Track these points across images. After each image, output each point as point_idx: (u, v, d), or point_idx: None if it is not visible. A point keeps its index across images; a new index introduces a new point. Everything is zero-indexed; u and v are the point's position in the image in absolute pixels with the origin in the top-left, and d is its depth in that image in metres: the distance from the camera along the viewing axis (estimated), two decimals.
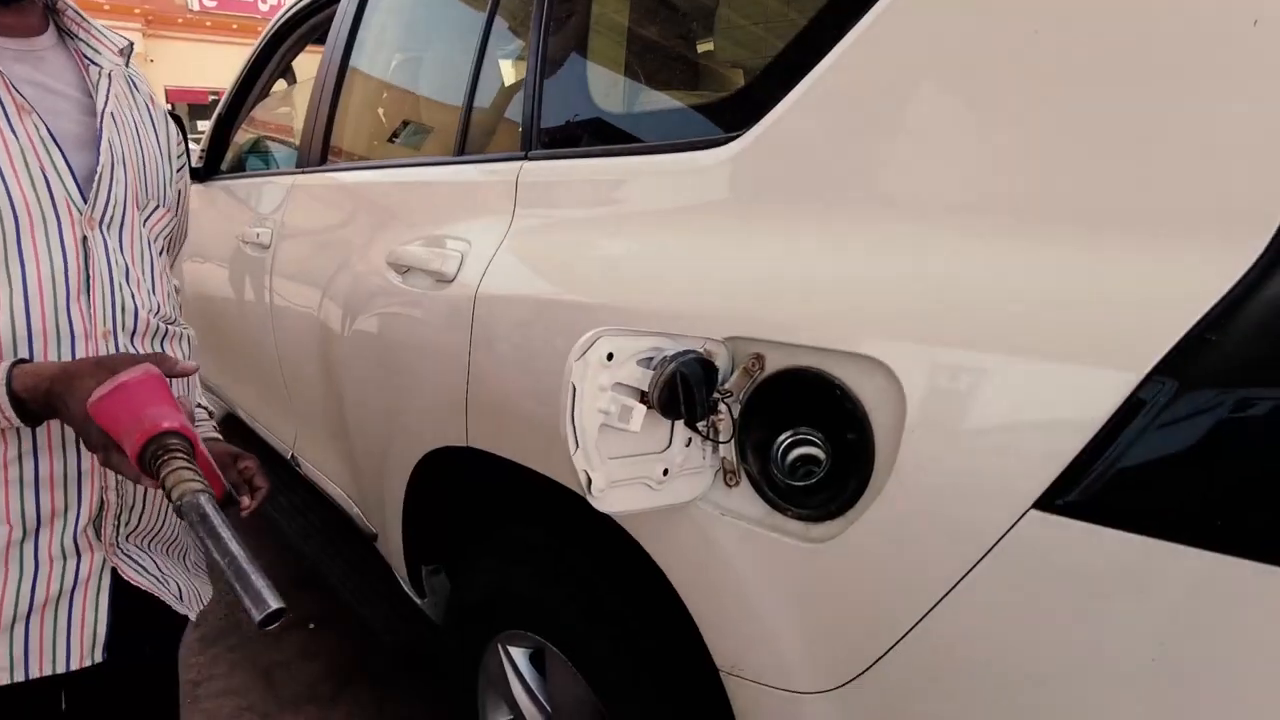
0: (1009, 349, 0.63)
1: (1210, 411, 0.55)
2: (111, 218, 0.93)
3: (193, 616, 1.07)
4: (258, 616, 0.66)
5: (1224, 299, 0.55)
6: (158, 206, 1.03)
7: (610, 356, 0.72)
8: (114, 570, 0.96)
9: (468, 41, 1.45)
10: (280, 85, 2.78)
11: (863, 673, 0.73)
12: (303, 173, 1.97)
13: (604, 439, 0.74)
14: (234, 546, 0.69)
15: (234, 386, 2.49)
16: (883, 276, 0.72)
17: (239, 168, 2.68)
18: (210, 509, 0.71)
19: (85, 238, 0.90)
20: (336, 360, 1.62)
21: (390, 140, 1.89)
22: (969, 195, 0.68)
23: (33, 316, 0.86)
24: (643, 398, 0.75)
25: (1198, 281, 0.56)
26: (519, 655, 1.32)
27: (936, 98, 0.71)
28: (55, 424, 0.88)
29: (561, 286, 1.05)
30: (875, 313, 0.71)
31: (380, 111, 1.96)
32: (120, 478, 0.94)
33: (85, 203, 0.90)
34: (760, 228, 0.83)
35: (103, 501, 0.93)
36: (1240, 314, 0.54)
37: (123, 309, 0.93)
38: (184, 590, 1.06)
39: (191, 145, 2.73)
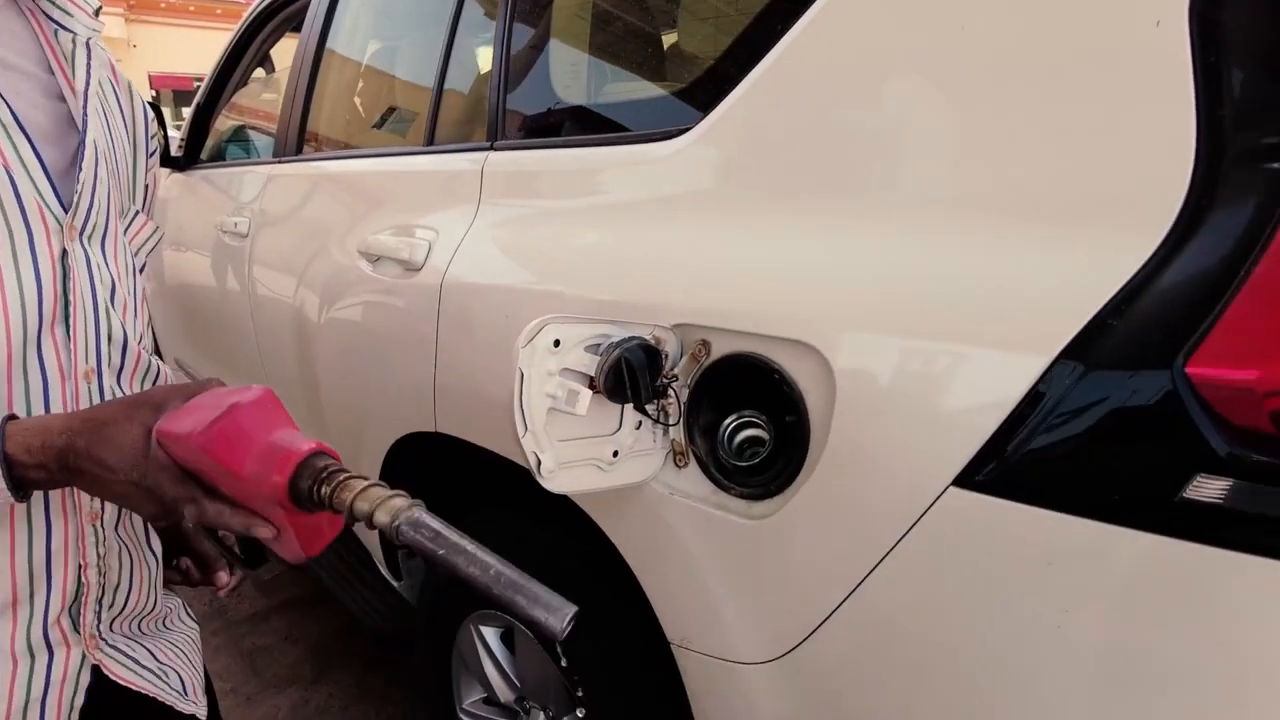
0: (930, 334, 0.66)
1: (1110, 392, 0.58)
2: (94, 227, 0.75)
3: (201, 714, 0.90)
4: (561, 626, 0.54)
5: (1125, 287, 0.58)
6: (139, 213, 0.88)
7: (557, 343, 0.75)
8: (96, 668, 0.78)
9: (437, 32, 1.47)
10: (259, 73, 2.78)
11: (800, 643, 0.77)
12: (279, 162, 1.99)
13: (552, 422, 0.77)
14: (490, 557, 0.55)
15: (214, 374, 2.51)
16: (817, 266, 0.75)
17: (219, 157, 2.69)
18: (438, 521, 0.56)
19: (65, 252, 0.72)
20: (313, 348, 1.64)
21: (364, 130, 1.91)
22: (896, 189, 0.72)
23: None
24: (590, 383, 0.78)
25: (1103, 271, 0.59)
26: (490, 634, 1.36)
27: (866, 96, 0.74)
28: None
29: (523, 276, 1.07)
30: (810, 300, 0.74)
31: (354, 101, 1.98)
32: (103, 552, 0.77)
33: (65, 209, 0.72)
34: (707, 219, 0.86)
35: (80, 583, 0.75)
36: (1139, 301, 0.58)
37: (109, 340, 0.76)
38: (189, 679, 0.90)
39: (173, 133, 2.75)
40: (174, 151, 2.66)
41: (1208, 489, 0.54)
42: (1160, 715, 0.58)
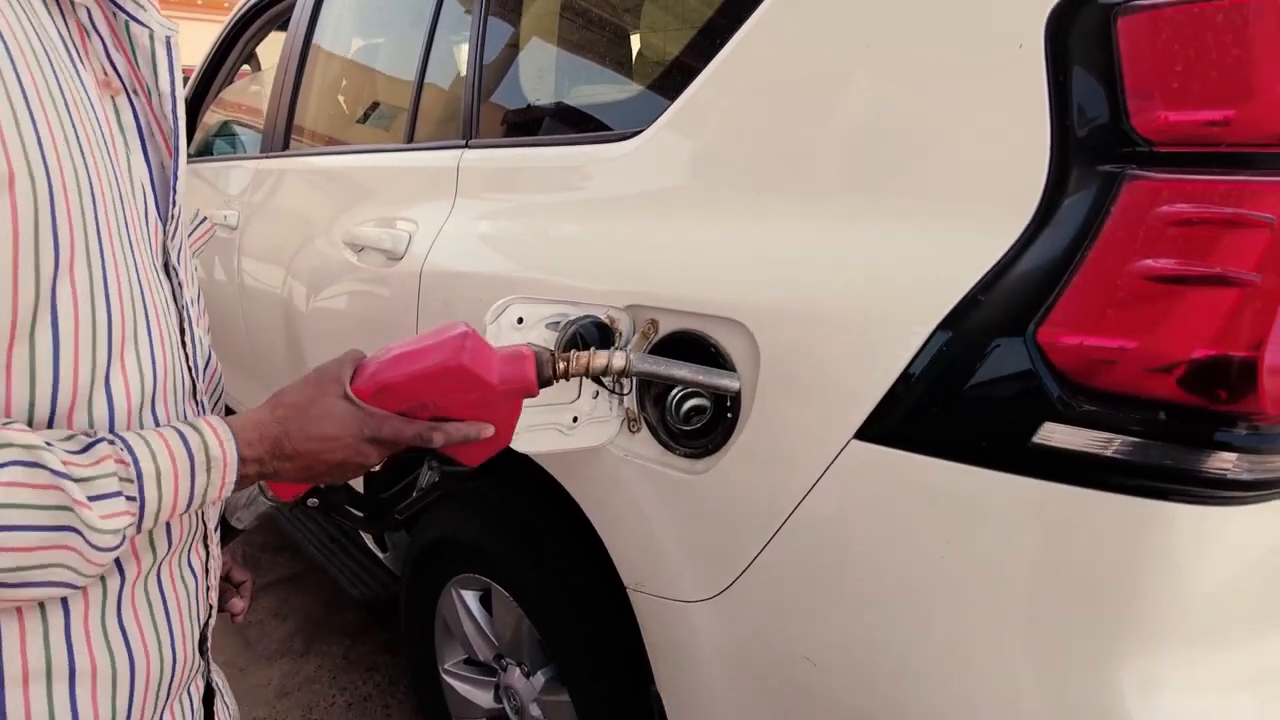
0: (836, 311, 0.77)
1: (977, 356, 0.70)
2: (177, 236, 0.68)
3: None
4: (738, 384, 0.81)
5: (992, 269, 0.69)
6: (204, 219, 0.83)
7: (520, 320, 0.86)
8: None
9: (417, 33, 1.56)
10: (244, 69, 2.85)
11: (734, 581, 0.88)
12: (267, 157, 2.08)
13: None
14: (686, 365, 0.82)
15: None
16: (746, 254, 0.86)
17: (206, 151, 2.77)
18: (648, 355, 0.84)
19: (169, 265, 0.66)
20: (300, 334, 1.74)
21: (348, 126, 2.00)
22: (812, 187, 0.83)
23: (159, 370, 0.62)
24: None
25: (975, 256, 0.71)
26: (470, 598, 1.47)
27: (782, 111, 0.85)
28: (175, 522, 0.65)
29: (495, 263, 1.18)
30: (739, 284, 0.85)
31: (339, 99, 2.07)
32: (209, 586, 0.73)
33: (164, 217, 0.66)
34: (655, 213, 0.97)
35: (208, 614, 0.72)
36: (1003, 280, 0.69)
37: (198, 351, 0.71)
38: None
39: None
40: None
41: (1053, 434, 0.66)
42: (1021, 620, 0.70)
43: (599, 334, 0.89)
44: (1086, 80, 0.67)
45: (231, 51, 2.62)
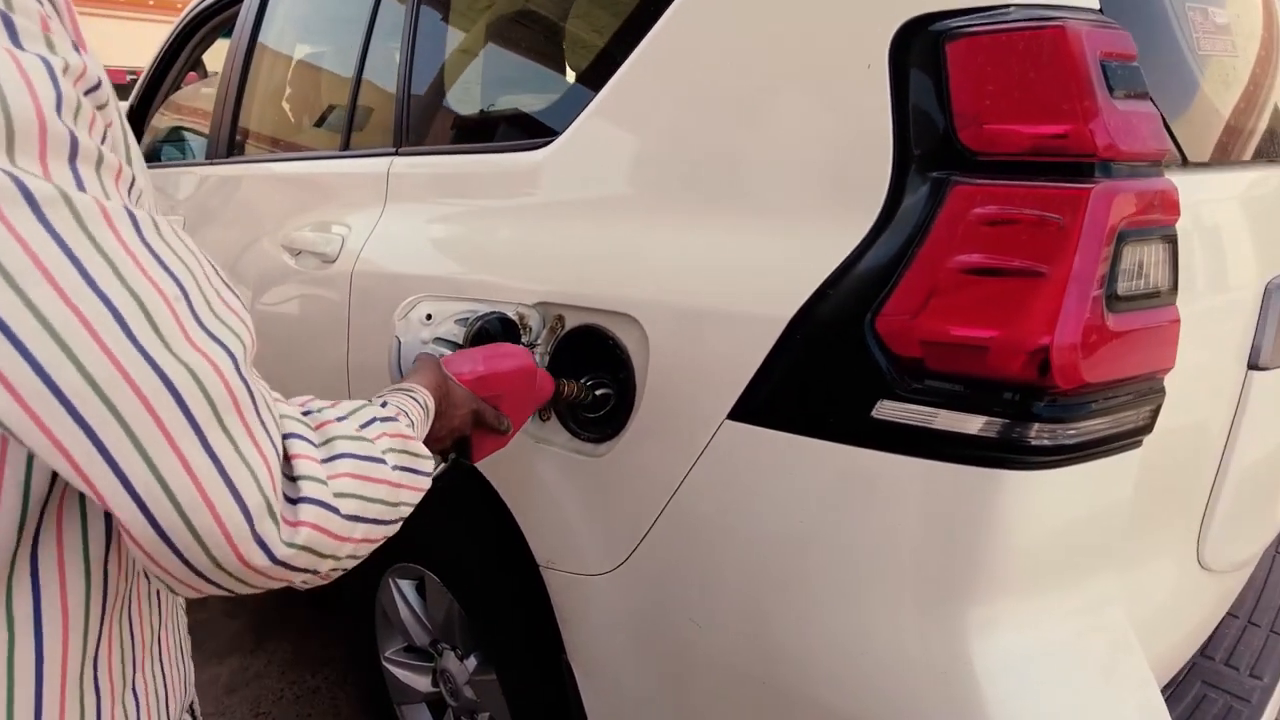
0: (711, 307, 0.86)
1: (826, 343, 0.78)
2: None
3: None
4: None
5: (839, 267, 0.78)
6: None
7: (429, 316, 0.93)
8: None
9: (352, 44, 1.62)
10: (191, 74, 2.87)
11: (631, 553, 0.96)
12: (211, 164, 2.12)
13: None
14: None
15: None
16: (638, 256, 0.94)
17: (154, 157, 2.79)
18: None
19: None
20: None
21: (289, 134, 2.05)
22: (694, 196, 0.91)
23: None
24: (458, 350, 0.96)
25: (825, 255, 0.79)
26: (406, 586, 1.53)
27: (673, 127, 0.93)
28: None
29: (417, 264, 1.25)
30: (633, 284, 0.93)
31: (281, 106, 2.11)
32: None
33: None
34: (562, 218, 1.05)
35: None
36: (847, 276, 0.78)
37: None
38: None
39: None
40: None
41: (887, 410, 0.75)
42: (875, 576, 0.79)
43: (503, 329, 0.96)
44: (922, 97, 0.76)
45: (177, 59, 2.65)
